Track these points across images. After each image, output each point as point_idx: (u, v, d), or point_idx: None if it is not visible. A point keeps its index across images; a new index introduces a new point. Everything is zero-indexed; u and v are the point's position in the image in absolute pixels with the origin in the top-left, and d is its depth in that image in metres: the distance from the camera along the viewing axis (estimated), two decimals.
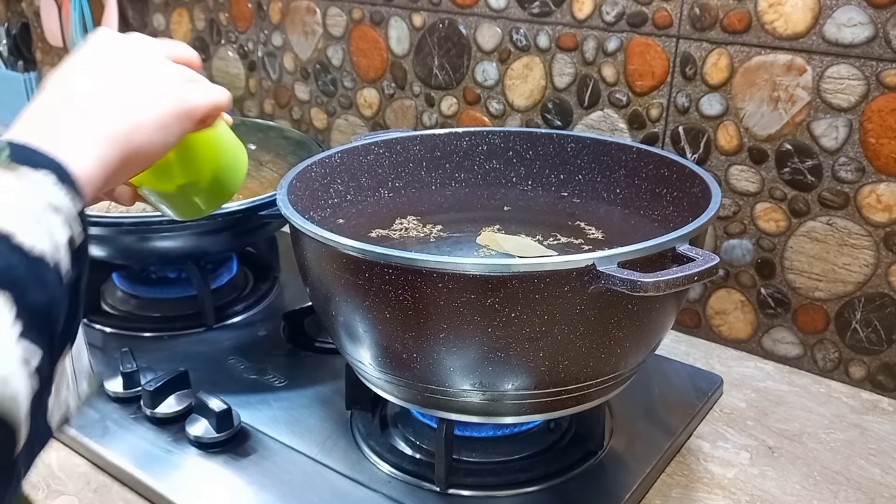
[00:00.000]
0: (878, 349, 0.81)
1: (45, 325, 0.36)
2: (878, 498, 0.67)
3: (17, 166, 0.37)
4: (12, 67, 1.60)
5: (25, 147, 0.39)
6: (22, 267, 0.35)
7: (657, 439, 0.72)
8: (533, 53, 0.94)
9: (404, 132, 0.84)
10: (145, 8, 1.36)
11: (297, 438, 0.72)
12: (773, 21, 0.78)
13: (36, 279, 0.35)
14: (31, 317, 0.35)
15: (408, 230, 0.77)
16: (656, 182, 0.76)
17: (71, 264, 0.38)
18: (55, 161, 0.39)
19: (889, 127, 0.74)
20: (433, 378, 0.60)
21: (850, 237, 0.79)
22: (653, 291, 0.50)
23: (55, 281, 0.37)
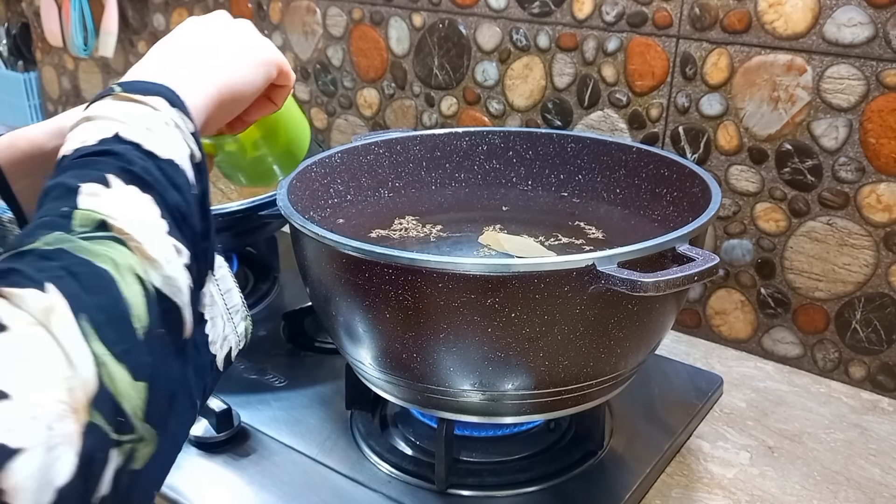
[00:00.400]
0: (878, 349, 0.81)
1: (184, 226, 0.38)
2: (878, 498, 0.67)
3: (131, 95, 0.40)
4: (12, 67, 1.60)
5: (134, 81, 0.42)
6: (157, 171, 0.38)
7: (657, 439, 0.72)
8: (533, 53, 0.94)
9: (404, 132, 0.84)
10: (145, 8, 1.36)
11: (297, 438, 0.72)
12: (773, 21, 0.78)
13: (170, 182, 0.38)
14: (172, 216, 0.38)
15: (408, 230, 0.77)
16: (656, 182, 0.76)
17: (195, 177, 0.41)
18: (164, 87, 0.42)
19: (889, 127, 0.74)
20: (433, 378, 0.60)
21: (850, 237, 0.79)
22: (653, 291, 0.50)
23: (186, 185, 0.40)
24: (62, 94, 1.58)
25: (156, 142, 0.39)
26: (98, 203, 0.35)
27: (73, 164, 0.37)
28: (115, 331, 0.32)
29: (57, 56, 1.55)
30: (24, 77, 1.58)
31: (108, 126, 0.39)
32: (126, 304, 0.33)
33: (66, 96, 1.57)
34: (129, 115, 0.39)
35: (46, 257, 0.33)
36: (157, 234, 0.36)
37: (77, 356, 0.30)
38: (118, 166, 0.37)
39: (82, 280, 0.32)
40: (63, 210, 0.35)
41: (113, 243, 0.34)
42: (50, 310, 0.31)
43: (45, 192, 0.37)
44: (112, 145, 0.38)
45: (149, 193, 0.37)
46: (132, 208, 0.36)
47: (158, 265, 0.35)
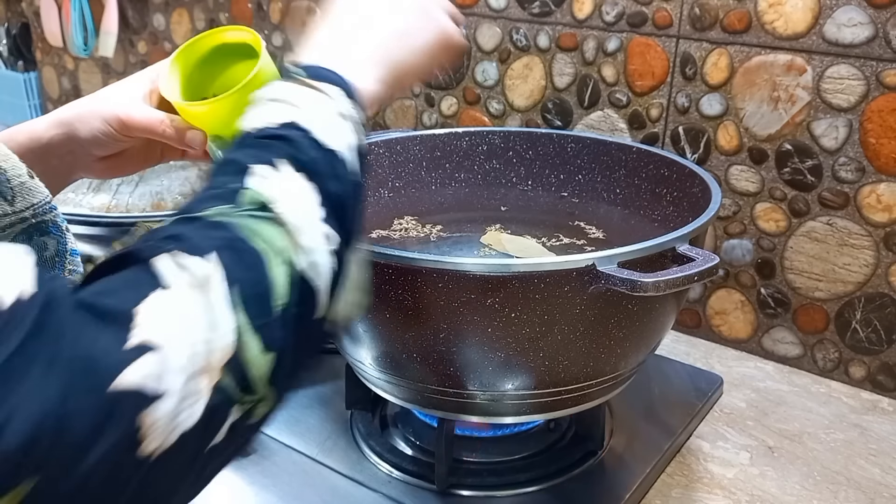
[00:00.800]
0: (878, 349, 0.81)
1: (340, 213, 0.41)
2: (878, 498, 0.67)
3: (313, 82, 0.44)
4: (12, 67, 1.60)
5: (318, 67, 0.45)
6: (322, 160, 0.41)
7: (657, 439, 0.72)
8: (533, 53, 0.94)
9: (404, 132, 0.84)
10: (145, 8, 1.36)
11: (297, 438, 0.72)
12: (773, 21, 0.78)
13: (332, 171, 0.41)
14: (331, 204, 0.40)
15: (408, 230, 0.77)
16: (656, 182, 0.76)
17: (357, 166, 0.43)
18: (342, 78, 0.45)
19: (889, 127, 0.74)
20: (433, 378, 0.60)
21: (850, 237, 0.79)
22: (653, 291, 0.50)
23: (346, 175, 0.42)
24: (62, 94, 1.57)
25: (326, 132, 0.42)
26: (265, 185, 0.38)
27: (251, 144, 0.41)
28: (257, 305, 0.35)
29: (57, 56, 1.54)
30: (24, 77, 1.58)
31: (287, 111, 0.42)
32: (270, 283, 0.36)
33: (66, 96, 1.57)
34: (307, 101, 0.43)
35: (210, 227, 0.36)
36: (312, 221, 0.39)
37: (222, 322, 0.34)
38: (290, 153, 0.40)
39: (238, 255, 0.36)
40: (233, 186, 0.38)
41: (271, 225, 0.37)
42: (207, 277, 0.34)
43: (222, 162, 0.40)
44: (288, 131, 0.41)
45: (313, 182, 0.40)
46: (295, 194, 0.39)
47: (306, 251, 0.38)
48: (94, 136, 0.56)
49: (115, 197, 1.05)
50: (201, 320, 0.33)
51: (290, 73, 0.45)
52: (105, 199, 1.04)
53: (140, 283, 0.33)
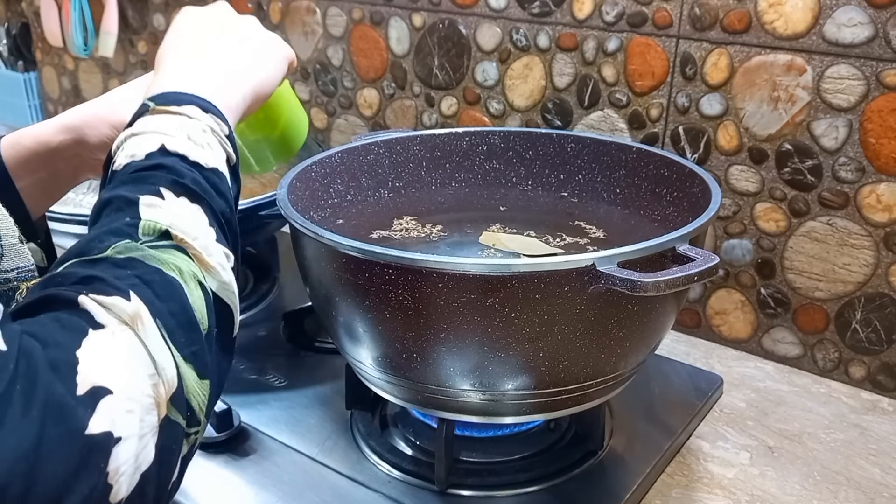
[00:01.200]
0: (878, 349, 0.81)
1: (228, 230, 0.42)
2: (878, 498, 0.67)
3: (167, 108, 0.43)
4: (12, 67, 1.60)
5: (166, 93, 0.45)
6: (203, 180, 0.41)
7: (657, 439, 0.72)
8: (533, 53, 0.94)
9: (404, 132, 0.84)
10: (145, 8, 1.36)
11: (297, 438, 0.72)
12: (773, 21, 0.78)
13: (215, 190, 0.41)
14: (219, 223, 0.41)
15: (408, 230, 0.77)
16: (656, 182, 0.76)
17: (231, 180, 0.44)
18: (194, 96, 0.45)
19: (889, 127, 0.74)
20: (433, 378, 0.60)
21: (850, 237, 0.79)
22: (653, 291, 0.50)
23: (228, 191, 0.43)
24: (62, 94, 1.57)
25: (199, 151, 0.42)
26: (158, 214, 0.38)
27: (128, 179, 0.40)
28: (184, 334, 0.35)
29: (57, 56, 1.54)
30: (24, 77, 1.58)
31: (153, 140, 0.42)
32: (192, 309, 0.36)
33: (66, 96, 1.57)
34: (170, 126, 0.42)
35: (120, 266, 0.36)
36: (209, 242, 0.39)
37: (160, 357, 0.34)
38: (169, 179, 0.40)
39: (155, 288, 0.35)
40: (127, 220, 0.38)
41: (176, 251, 0.38)
42: (136, 315, 0.34)
43: (103, 203, 0.40)
44: (160, 159, 0.41)
45: (198, 203, 0.40)
46: (187, 218, 0.39)
47: (215, 272, 0.38)
48: (102, 142, 0.56)
49: None
50: (140, 358, 0.33)
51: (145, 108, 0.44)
52: None
53: (72, 326, 0.33)
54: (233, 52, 0.50)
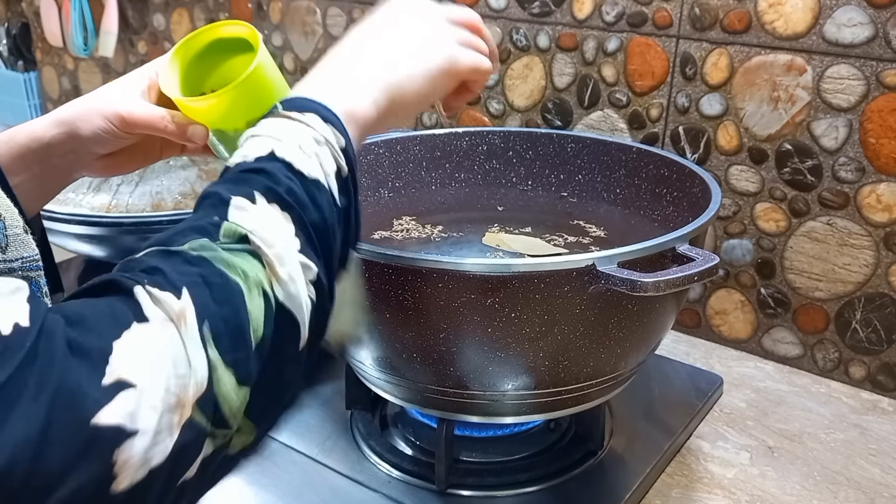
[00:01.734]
0: (878, 349, 0.81)
1: (319, 242, 0.42)
2: (878, 498, 0.67)
3: (291, 113, 0.44)
4: (12, 67, 1.60)
5: (297, 98, 0.46)
6: (301, 190, 0.41)
7: (657, 439, 0.72)
8: (533, 53, 0.94)
9: (404, 132, 0.84)
10: (145, 8, 1.36)
11: (297, 438, 0.72)
12: (773, 21, 0.78)
13: (312, 200, 0.42)
14: (307, 234, 0.41)
15: (408, 231, 0.77)
16: (656, 182, 0.76)
17: (339, 192, 0.44)
18: (318, 104, 0.45)
19: (889, 127, 0.74)
20: (433, 378, 0.60)
21: (850, 237, 0.79)
22: (653, 291, 0.50)
23: (328, 203, 0.43)
24: (62, 94, 1.57)
25: (305, 161, 0.42)
26: (244, 217, 0.39)
27: (232, 178, 0.41)
28: (231, 340, 0.36)
29: (57, 56, 1.54)
30: (24, 77, 1.58)
31: (266, 144, 0.43)
32: (246, 316, 0.37)
33: (66, 96, 1.57)
34: (285, 133, 0.43)
35: (190, 262, 0.37)
36: (288, 252, 0.39)
37: (195, 358, 0.34)
38: (266, 185, 0.40)
39: (214, 290, 0.36)
40: (214, 219, 0.39)
41: (249, 257, 0.38)
42: (181, 313, 0.34)
43: (203, 195, 0.41)
44: (265, 163, 0.42)
45: (287, 212, 0.40)
46: (272, 226, 0.39)
47: (284, 282, 0.39)
48: (96, 134, 0.56)
49: (115, 197, 1.05)
50: (175, 357, 0.33)
51: (272, 109, 0.45)
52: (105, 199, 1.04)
53: (119, 316, 0.33)
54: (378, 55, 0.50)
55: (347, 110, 0.46)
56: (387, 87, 0.49)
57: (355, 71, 0.49)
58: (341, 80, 0.48)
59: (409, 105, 0.51)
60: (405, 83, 0.50)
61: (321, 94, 0.46)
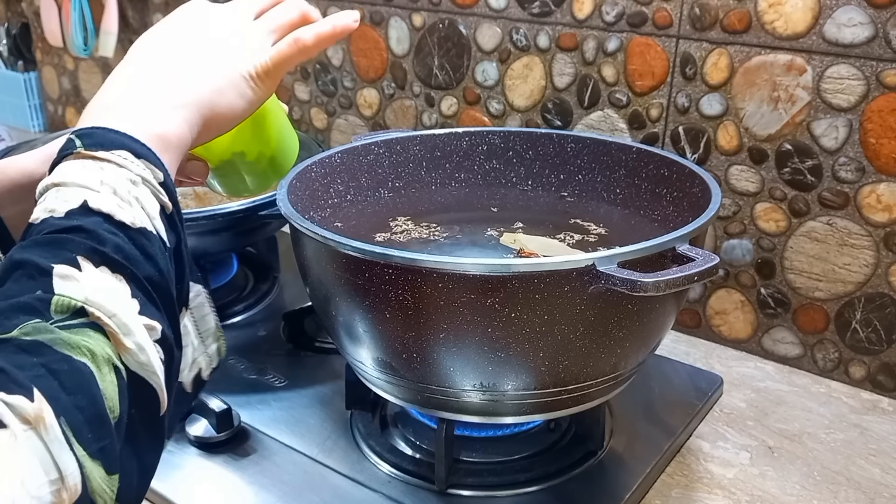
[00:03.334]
0: (878, 349, 0.81)
1: (158, 295, 0.38)
2: (878, 498, 0.67)
3: (97, 153, 0.39)
4: (12, 67, 1.60)
5: (92, 131, 0.40)
6: (128, 245, 0.37)
7: (657, 439, 0.72)
8: (533, 53, 0.94)
9: (404, 132, 0.84)
10: (145, 8, 1.36)
11: (297, 438, 0.72)
12: (773, 21, 0.78)
13: (143, 253, 0.38)
14: (145, 291, 0.37)
15: (408, 230, 0.77)
16: (656, 182, 0.76)
17: (167, 231, 0.40)
18: (125, 136, 0.40)
19: (889, 127, 0.74)
20: (433, 378, 0.60)
21: (850, 237, 0.79)
22: (653, 291, 0.50)
23: (160, 250, 0.39)
24: (62, 94, 1.58)
25: (126, 210, 0.38)
26: (73, 288, 0.35)
27: (44, 241, 0.37)
28: (92, 429, 0.33)
29: (57, 56, 1.54)
30: (24, 77, 1.58)
31: (75, 195, 0.38)
32: (102, 399, 0.34)
33: (66, 96, 1.57)
34: (95, 179, 0.38)
35: (25, 350, 0.33)
36: (130, 317, 0.36)
37: (64, 462, 0.31)
38: (88, 246, 0.36)
39: (62, 379, 0.33)
40: (38, 294, 0.34)
41: (90, 332, 0.34)
42: (39, 415, 0.31)
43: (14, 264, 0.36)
44: (80, 219, 0.37)
45: (119, 273, 0.37)
46: (105, 292, 0.36)
47: (133, 353, 0.36)
48: None
49: None
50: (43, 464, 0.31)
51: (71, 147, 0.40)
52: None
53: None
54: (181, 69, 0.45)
55: (158, 135, 0.42)
56: (195, 104, 0.45)
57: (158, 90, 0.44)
58: (145, 103, 0.43)
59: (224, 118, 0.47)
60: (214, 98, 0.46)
61: (123, 121, 0.41)
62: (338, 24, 0.50)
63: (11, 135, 1.56)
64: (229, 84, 0.46)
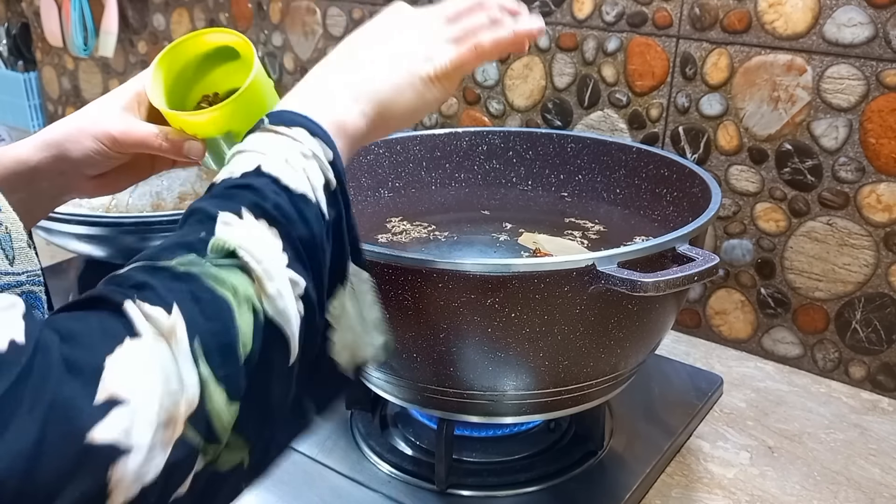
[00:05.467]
0: (878, 349, 0.81)
1: (308, 256, 0.41)
2: (878, 498, 0.67)
3: (275, 127, 0.44)
4: (12, 67, 1.60)
5: (283, 112, 0.45)
6: (288, 205, 0.41)
7: (657, 439, 0.72)
8: (533, 53, 0.94)
9: (404, 132, 0.84)
10: (145, 8, 1.36)
11: None
12: (773, 21, 0.78)
13: (299, 215, 0.41)
14: (295, 249, 0.40)
15: (408, 230, 0.77)
16: (656, 182, 0.76)
17: (328, 205, 0.43)
18: (305, 118, 0.45)
19: (889, 127, 0.74)
20: (433, 378, 0.60)
21: (850, 237, 0.79)
22: (653, 291, 0.50)
23: (316, 217, 0.42)
24: (62, 94, 1.58)
25: (292, 176, 0.42)
26: (231, 233, 0.39)
27: (218, 194, 0.41)
28: (221, 355, 0.35)
29: (57, 56, 1.54)
30: (24, 77, 1.58)
31: (252, 159, 0.42)
32: (236, 331, 0.36)
33: (66, 96, 1.57)
34: (272, 147, 0.43)
35: (178, 278, 0.36)
36: (276, 267, 0.39)
37: (187, 374, 0.34)
38: (252, 200, 0.40)
39: (203, 306, 0.36)
40: (201, 235, 0.39)
41: (238, 272, 0.38)
42: (172, 329, 0.34)
43: (190, 211, 0.41)
44: (252, 179, 0.41)
45: (275, 227, 0.40)
46: (259, 241, 0.39)
47: (273, 298, 0.38)
48: (87, 156, 0.55)
49: (115, 197, 1.05)
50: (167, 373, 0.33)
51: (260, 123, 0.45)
52: (105, 199, 1.04)
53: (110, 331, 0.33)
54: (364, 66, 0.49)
55: (335, 122, 0.46)
56: (374, 99, 0.48)
57: (342, 83, 0.48)
58: (328, 93, 0.48)
59: (400, 116, 0.50)
60: (393, 95, 0.49)
61: (308, 107, 0.46)
62: (520, 30, 0.52)
63: (11, 135, 1.56)
64: (408, 84, 0.49)
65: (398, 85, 0.49)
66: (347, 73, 0.49)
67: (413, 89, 0.49)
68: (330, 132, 0.45)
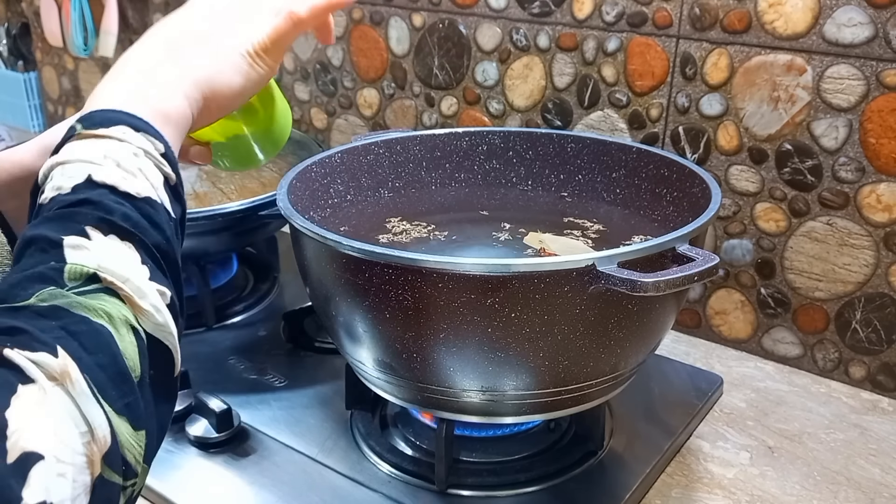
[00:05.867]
0: (878, 349, 0.81)
1: (165, 263, 0.39)
2: (878, 498, 0.67)
3: (92, 131, 0.40)
4: (12, 67, 1.60)
5: (90, 114, 0.41)
6: (135, 213, 0.38)
7: (657, 439, 0.72)
8: (533, 53, 0.94)
9: (404, 132, 0.84)
10: (145, 8, 1.36)
11: (297, 438, 0.72)
12: (773, 21, 0.78)
13: (149, 222, 0.39)
14: (154, 258, 0.38)
15: (407, 230, 0.77)
16: (656, 182, 0.76)
17: (172, 202, 0.41)
18: (123, 113, 0.41)
19: (889, 127, 0.74)
20: (433, 378, 0.60)
21: (850, 237, 0.79)
22: (653, 291, 0.50)
23: (166, 219, 0.40)
24: (62, 94, 1.58)
25: (130, 181, 0.39)
26: (84, 256, 0.36)
27: (53, 216, 0.37)
28: (116, 386, 0.34)
29: (57, 56, 1.54)
30: (24, 77, 1.58)
31: (79, 170, 0.38)
32: (122, 358, 0.35)
33: (66, 96, 1.57)
34: (97, 153, 0.39)
35: (44, 315, 0.33)
36: (142, 282, 0.37)
37: (92, 414, 0.32)
38: (96, 216, 0.37)
39: (82, 339, 0.33)
40: (51, 264, 0.35)
41: (105, 296, 0.35)
42: (65, 371, 0.32)
43: (26, 242, 0.37)
44: (86, 192, 0.38)
45: (128, 240, 0.37)
46: (116, 259, 0.36)
47: (149, 314, 0.36)
48: None
49: None
50: (72, 416, 0.32)
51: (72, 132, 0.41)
52: None
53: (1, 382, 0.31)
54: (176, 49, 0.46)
55: (157, 111, 0.42)
56: (196, 81, 0.45)
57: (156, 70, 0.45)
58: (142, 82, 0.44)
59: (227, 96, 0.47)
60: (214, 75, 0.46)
61: (123, 101, 0.42)
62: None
63: (11, 135, 1.56)
64: (227, 62, 0.47)
65: (217, 65, 0.46)
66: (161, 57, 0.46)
67: (235, 67, 0.47)
68: (154, 123, 0.41)
